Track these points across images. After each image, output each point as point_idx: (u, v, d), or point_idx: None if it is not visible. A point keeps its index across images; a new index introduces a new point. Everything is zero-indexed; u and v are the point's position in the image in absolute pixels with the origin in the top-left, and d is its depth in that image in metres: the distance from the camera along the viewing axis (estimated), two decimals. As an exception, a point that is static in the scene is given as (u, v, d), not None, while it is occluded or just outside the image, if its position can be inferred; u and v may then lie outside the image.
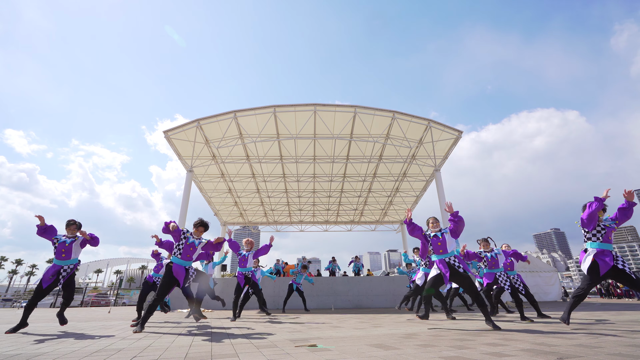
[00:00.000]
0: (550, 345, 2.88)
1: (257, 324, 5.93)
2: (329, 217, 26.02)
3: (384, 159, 18.09)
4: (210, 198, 21.94)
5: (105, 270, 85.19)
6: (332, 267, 17.23)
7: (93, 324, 6.26)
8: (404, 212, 24.91)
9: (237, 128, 15.57)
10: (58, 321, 4.87)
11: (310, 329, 4.75)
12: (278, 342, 3.45)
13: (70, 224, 4.94)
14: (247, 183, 20.68)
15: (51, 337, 4.08)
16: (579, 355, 2.44)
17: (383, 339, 3.52)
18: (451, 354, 2.61)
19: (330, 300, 12.92)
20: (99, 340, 3.67)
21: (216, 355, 2.68)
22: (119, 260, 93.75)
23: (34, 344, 3.40)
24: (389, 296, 13.04)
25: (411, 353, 2.66)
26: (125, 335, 4.20)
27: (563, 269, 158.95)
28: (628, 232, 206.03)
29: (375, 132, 15.95)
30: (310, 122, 15.27)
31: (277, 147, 17.13)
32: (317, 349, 2.97)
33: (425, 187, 21.22)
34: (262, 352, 2.83)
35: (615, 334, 3.53)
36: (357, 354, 2.67)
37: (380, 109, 14.83)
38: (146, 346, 3.23)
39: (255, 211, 24.93)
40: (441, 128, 15.50)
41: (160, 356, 2.68)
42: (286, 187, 21.35)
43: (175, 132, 15.17)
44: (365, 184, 21.01)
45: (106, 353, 2.84)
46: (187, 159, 16.18)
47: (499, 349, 2.79)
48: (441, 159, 16.66)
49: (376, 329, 4.58)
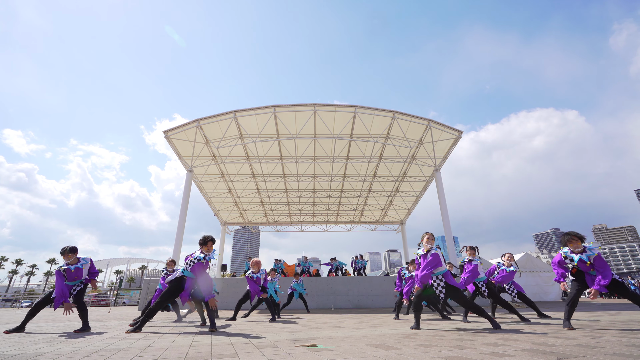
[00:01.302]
0: (550, 345, 2.88)
1: (257, 324, 5.93)
2: (329, 217, 26.03)
3: (384, 159, 18.09)
4: (210, 198, 21.95)
5: (105, 270, 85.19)
6: (338, 264, 16.06)
7: (93, 324, 6.26)
8: (404, 212, 24.95)
9: (237, 128, 15.57)
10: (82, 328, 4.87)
11: (310, 329, 4.75)
12: (278, 342, 3.46)
13: (64, 251, 5.00)
14: (247, 183, 20.69)
15: (51, 337, 4.08)
16: (579, 355, 2.44)
17: (383, 339, 3.52)
18: (451, 354, 2.61)
19: (330, 300, 12.93)
20: (99, 340, 3.67)
21: (216, 355, 2.68)
22: (119, 260, 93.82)
23: (34, 344, 3.40)
24: (389, 296, 13.04)
25: (411, 353, 2.66)
26: (125, 335, 4.20)
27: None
28: (628, 232, 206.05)
29: (375, 132, 15.95)
30: (310, 122, 15.28)
31: (277, 147, 17.13)
32: (317, 349, 2.97)
33: (425, 187, 21.23)
34: (262, 352, 2.83)
35: (615, 334, 3.53)
36: (357, 354, 2.67)
37: (380, 109, 14.83)
38: (146, 346, 3.23)
39: (255, 211, 24.93)
40: (441, 128, 15.50)
41: (160, 356, 2.68)
42: (286, 187, 21.35)
43: (175, 132, 15.17)
44: (365, 184, 21.02)
45: (106, 353, 2.84)
46: (187, 159, 16.18)
47: (499, 349, 2.79)
48: (441, 159, 16.67)
49: (376, 329, 4.58)
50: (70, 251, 4.96)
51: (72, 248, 5.00)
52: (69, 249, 4.97)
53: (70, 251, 4.96)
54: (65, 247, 4.99)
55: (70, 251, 4.96)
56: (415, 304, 4.69)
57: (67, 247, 4.99)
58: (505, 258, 6.53)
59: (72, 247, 5.01)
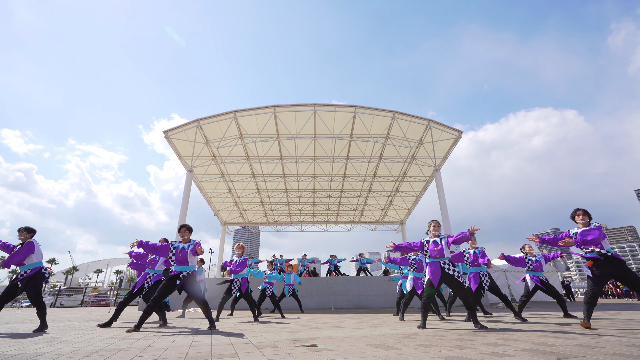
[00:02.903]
0: (550, 345, 2.88)
1: (257, 324, 5.93)
2: (329, 217, 26.02)
3: (384, 159, 18.09)
4: (210, 198, 21.95)
5: (105, 270, 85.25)
6: (334, 261, 15.73)
7: (93, 324, 6.26)
8: (404, 212, 24.93)
9: (237, 128, 15.57)
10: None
11: (310, 329, 4.75)
12: (278, 342, 3.46)
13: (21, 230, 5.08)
14: (247, 183, 20.69)
15: (51, 337, 4.08)
16: (579, 355, 2.44)
17: (383, 339, 3.52)
18: (451, 354, 2.61)
19: (330, 300, 12.92)
20: (99, 340, 3.67)
21: (216, 355, 2.68)
22: (119, 260, 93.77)
23: (34, 344, 3.40)
24: (389, 296, 13.04)
25: (411, 353, 2.67)
26: (125, 335, 4.20)
27: (563, 269, 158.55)
28: (628, 232, 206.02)
29: (375, 132, 15.95)
30: (310, 122, 15.28)
31: (277, 147, 17.13)
32: (317, 349, 2.97)
33: (425, 187, 21.22)
34: (262, 352, 2.83)
35: (615, 334, 3.53)
36: (357, 354, 2.67)
37: (380, 109, 14.83)
38: (146, 346, 3.23)
39: (255, 211, 24.93)
40: (441, 128, 15.50)
41: (160, 356, 2.68)
42: (286, 187, 21.35)
43: (175, 132, 15.17)
44: (365, 184, 21.02)
45: (106, 353, 2.84)
46: (187, 159, 16.18)
47: (499, 349, 2.79)
48: (441, 159, 16.67)
49: (376, 329, 4.58)
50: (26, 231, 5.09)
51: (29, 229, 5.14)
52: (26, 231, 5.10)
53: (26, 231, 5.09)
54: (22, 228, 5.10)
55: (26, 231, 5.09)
56: (424, 305, 4.70)
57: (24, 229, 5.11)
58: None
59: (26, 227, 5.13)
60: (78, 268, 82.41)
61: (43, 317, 4.84)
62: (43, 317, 4.84)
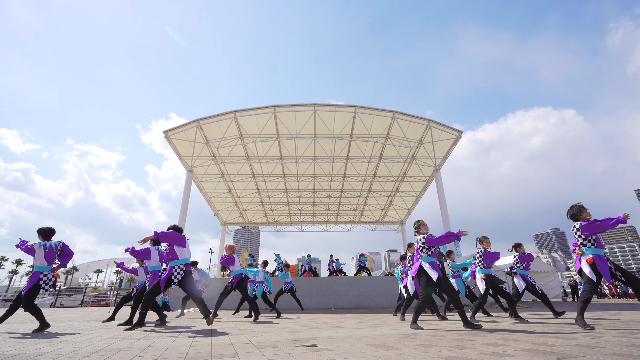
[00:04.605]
0: (550, 345, 2.88)
1: (256, 324, 5.93)
2: (329, 217, 26.02)
3: (384, 159, 18.09)
4: (210, 198, 21.94)
5: (105, 270, 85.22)
6: (339, 264, 15.98)
7: (93, 324, 6.26)
8: (404, 212, 24.92)
9: (237, 128, 15.57)
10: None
11: (310, 329, 4.75)
12: (278, 342, 3.45)
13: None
14: (247, 183, 20.69)
15: (51, 337, 4.08)
16: (579, 355, 2.44)
17: (383, 339, 3.52)
18: (451, 354, 2.61)
19: (330, 300, 12.92)
20: (99, 340, 3.67)
21: (216, 355, 2.68)
22: (119, 260, 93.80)
23: (34, 344, 3.40)
24: (389, 296, 13.03)
25: (411, 353, 2.66)
26: (125, 335, 4.20)
27: (563, 269, 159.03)
28: (628, 232, 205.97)
29: (375, 132, 15.95)
30: (310, 122, 15.27)
31: (277, 147, 17.13)
32: (317, 349, 2.97)
33: (425, 187, 21.22)
34: (262, 352, 2.83)
35: (615, 334, 3.53)
36: (357, 354, 2.67)
37: (380, 109, 14.83)
38: (146, 346, 3.23)
39: (255, 211, 24.93)
40: (441, 128, 15.51)
41: (160, 356, 2.68)
42: (286, 187, 21.35)
43: (175, 132, 15.17)
44: (365, 184, 21.02)
45: (106, 353, 2.84)
46: (187, 159, 16.18)
47: (499, 349, 2.79)
48: (441, 159, 16.67)
49: (376, 329, 4.58)
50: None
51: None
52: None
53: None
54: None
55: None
56: (419, 307, 4.68)
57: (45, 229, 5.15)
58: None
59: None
60: (78, 268, 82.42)
61: (41, 319, 4.82)
62: (41, 318, 4.83)
